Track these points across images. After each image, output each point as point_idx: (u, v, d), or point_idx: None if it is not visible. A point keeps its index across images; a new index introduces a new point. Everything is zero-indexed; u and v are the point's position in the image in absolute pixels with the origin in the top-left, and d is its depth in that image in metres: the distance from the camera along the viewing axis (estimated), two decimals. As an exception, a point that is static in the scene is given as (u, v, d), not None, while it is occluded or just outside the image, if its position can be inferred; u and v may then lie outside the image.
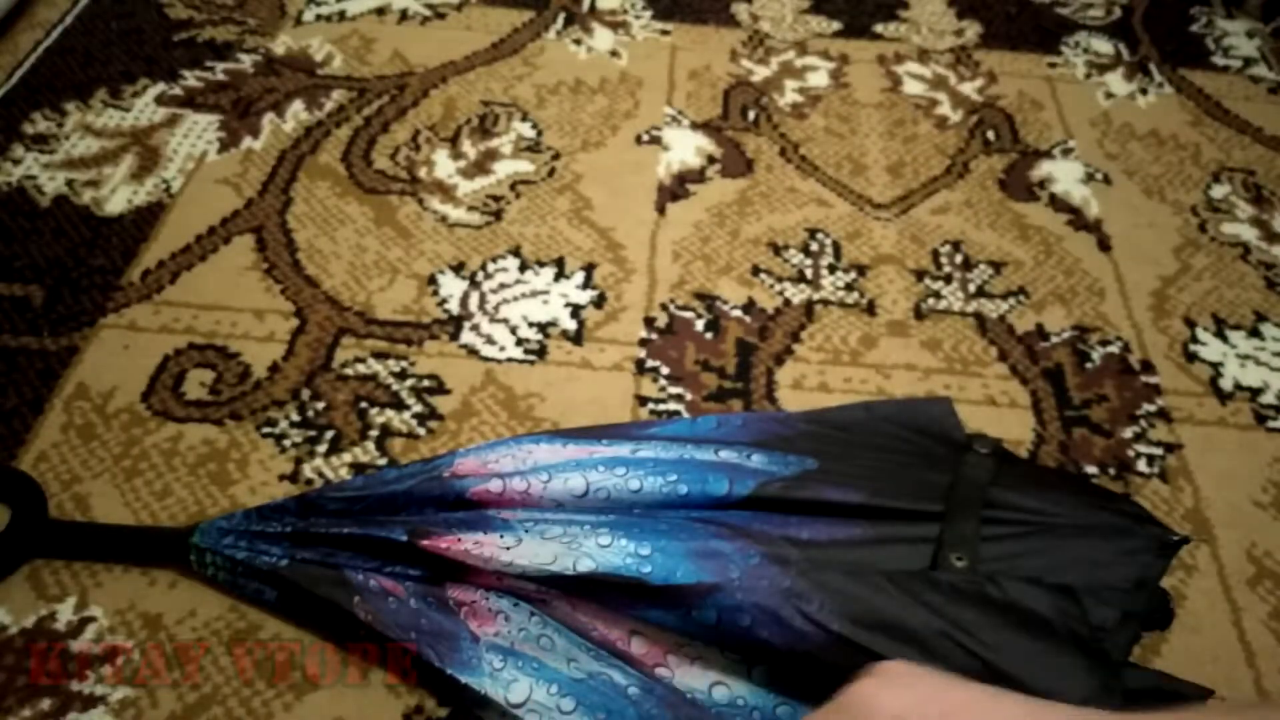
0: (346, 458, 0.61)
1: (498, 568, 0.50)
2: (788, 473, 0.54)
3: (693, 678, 0.49)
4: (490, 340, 0.68)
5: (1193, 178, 0.86)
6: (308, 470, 0.60)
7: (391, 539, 0.51)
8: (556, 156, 0.82)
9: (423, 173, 0.80)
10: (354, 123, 0.84)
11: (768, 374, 0.68)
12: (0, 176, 0.76)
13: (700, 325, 0.71)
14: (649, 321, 0.70)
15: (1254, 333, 0.74)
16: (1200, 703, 0.49)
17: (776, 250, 0.76)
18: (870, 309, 0.73)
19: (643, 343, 0.69)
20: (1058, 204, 0.83)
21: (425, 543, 0.51)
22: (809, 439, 0.57)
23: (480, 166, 0.81)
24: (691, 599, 0.48)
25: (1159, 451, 0.65)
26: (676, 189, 0.81)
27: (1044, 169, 0.86)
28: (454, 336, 0.68)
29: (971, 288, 0.75)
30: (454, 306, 0.70)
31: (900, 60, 0.97)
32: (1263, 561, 0.60)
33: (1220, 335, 0.73)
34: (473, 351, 0.68)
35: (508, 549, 0.50)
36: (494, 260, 0.74)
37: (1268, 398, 0.69)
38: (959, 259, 0.77)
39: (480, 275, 0.72)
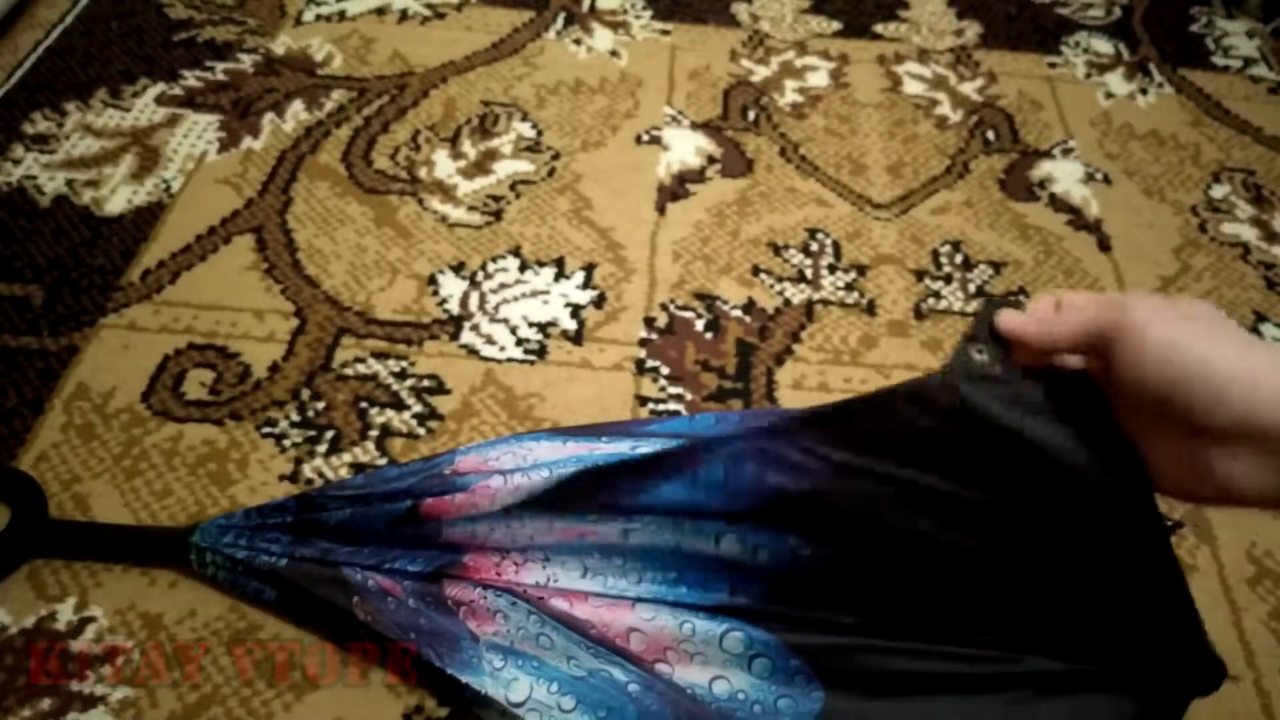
0: (346, 458, 0.61)
1: (504, 500, 0.50)
2: None
3: (693, 673, 0.49)
4: (490, 340, 0.68)
5: (1193, 178, 0.86)
6: (308, 470, 0.60)
7: (395, 510, 0.52)
8: (556, 156, 0.82)
9: (423, 173, 0.80)
10: (354, 123, 0.84)
11: (768, 374, 0.68)
12: (0, 176, 0.76)
13: (700, 325, 0.71)
14: (649, 321, 0.70)
15: (1254, 332, 0.74)
16: None
17: (776, 250, 0.76)
18: (870, 309, 0.73)
19: (643, 343, 0.69)
20: (1058, 204, 0.83)
21: (430, 500, 0.51)
22: None
23: (480, 166, 0.81)
24: (696, 456, 0.48)
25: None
26: (676, 189, 0.81)
27: (1044, 169, 0.86)
28: (454, 336, 0.68)
29: (971, 288, 0.75)
30: (454, 306, 0.70)
31: (900, 60, 0.97)
32: (1263, 561, 0.60)
33: (1220, 335, 0.73)
34: (473, 351, 0.68)
35: (511, 483, 0.51)
36: (494, 260, 0.74)
37: (1268, 397, 0.69)
38: (959, 259, 0.77)
39: (480, 275, 0.73)
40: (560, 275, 0.73)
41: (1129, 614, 0.43)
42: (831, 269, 0.75)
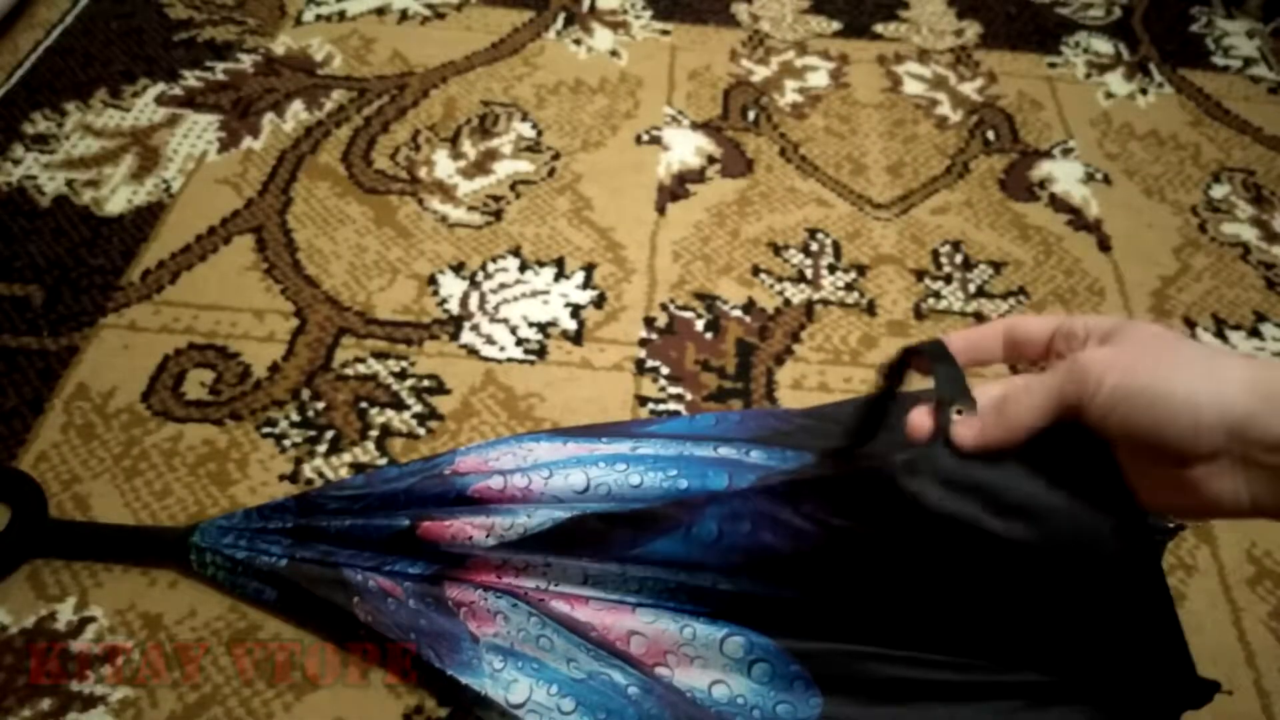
0: (346, 458, 0.61)
1: (500, 535, 0.50)
2: (786, 467, 0.54)
3: (693, 676, 0.49)
4: (490, 340, 0.68)
5: (1193, 178, 0.86)
6: (308, 470, 0.60)
7: (394, 525, 0.52)
8: (556, 156, 0.82)
9: (423, 173, 0.80)
10: (354, 123, 0.84)
11: (768, 374, 0.68)
12: (0, 176, 0.76)
13: (700, 325, 0.71)
14: (649, 321, 0.70)
15: (1254, 333, 0.74)
16: None
17: (776, 250, 0.76)
18: (870, 309, 0.73)
19: (643, 343, 0.69)
20: (1058, 204, 0.83)
21: (427, 524, 0.51)
22: (807, 434, 0.57)
23: (480, 166, 0.81)
24: (690, 512, 0.48)
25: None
26: (676, 189, 0.81)
27: (1044, 169, 0.86)
28: (454, 336, 0.68)
29: (971, 288, 0.75)
30: (454, 306, 0.70)
31: (900, 60, 0.97)
32: (1263, 561, 0.60)
33: (1220, 335, 0.73)
34: (473, 351, 0.68)
35: (511, 486, 0.51)
36: (494, 260, 0.74)
37: (1268, 397, 0.69)
38: (959, 259, 0.77)
39: (480, 275, 0.73)
40: (560, 275, 0.73)
41: (1120, 635, 0.43)
42: (831, 269, 0.75)
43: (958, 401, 0.41)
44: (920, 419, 0.42)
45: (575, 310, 0.71)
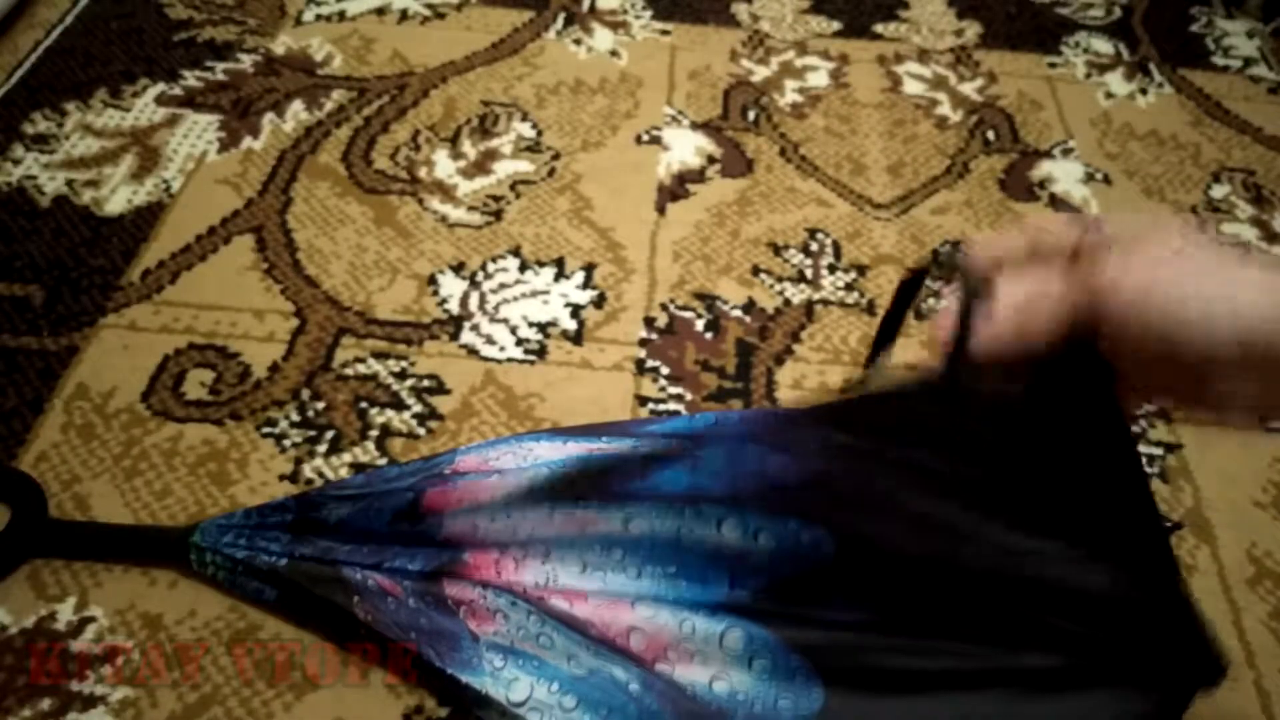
0: (346, 458, 0.61)
1: (507, 490, 0.51)
2: None
3: (693, 672, 0.49)
4: (490, 340, 0.68)
5: (1193, 178, 0.86)
6: (308, 470, 0.60)
7: (396, 504, 0.52)
8: (556, 156, 0.82)
9: (423, 173, 0.80)
10: (354, 123, 0.84)
11: (768, 374, 0.68)
12: (0, 176, 0.76)
13: (700, 325, 0.71)
14: (649, 321, 0.70)
15: (1254, 332, 0.74)
16: None
17: (776, 250, 0.76)
18: (870, 309, 0.73)
19: (643, 343, 0.69)
20: (1058, 204, 0.83)
21: (432, 492, 0.51)
22: None
23: (480, 166, 0.81)
24: (697, 445, 0.48)
25: (1159, 451, 0.65)
26: (676, 189, 0.81)
27: (1044, 169, 0.86)
28: (454, 336, 0.68)
29: (971, 287, 0.75)
30: (454, 306, 0.70)
31: (900, 60, 0.97)
32: (1263, 561, 0.60)
33: (1220, 335, 0.73)
34: (473, 351, 0.68)
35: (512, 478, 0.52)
36: (494, 260, 0.74)
37: (1268, 397, 0.69)
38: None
39: (480, 275, 0.73)
40: (560, 275, 0.73)
41: (1126, 603, 0.43)
42: (831, 269, 0.75)
43: (978, 297, 0.41)
44: (947, 319, 0.42)
45: (575, 310, 0.71)
